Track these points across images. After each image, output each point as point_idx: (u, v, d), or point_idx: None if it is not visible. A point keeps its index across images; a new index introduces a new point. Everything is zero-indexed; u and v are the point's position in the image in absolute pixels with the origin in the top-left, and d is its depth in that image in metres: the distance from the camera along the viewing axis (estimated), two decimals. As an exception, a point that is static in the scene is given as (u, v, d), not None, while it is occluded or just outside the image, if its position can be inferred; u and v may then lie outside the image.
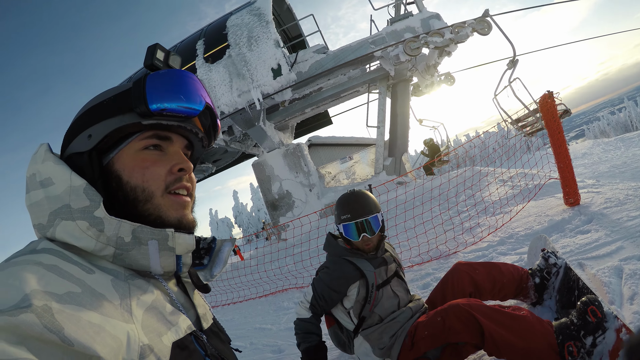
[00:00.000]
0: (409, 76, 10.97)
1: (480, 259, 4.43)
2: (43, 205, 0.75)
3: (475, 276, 2.55)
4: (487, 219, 5.84)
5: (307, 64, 10.41)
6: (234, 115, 11.10)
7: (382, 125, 10.77)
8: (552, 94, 4.83)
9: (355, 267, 2.41)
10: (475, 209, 6.50)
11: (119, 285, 0.71)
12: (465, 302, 2.09)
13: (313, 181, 11.12)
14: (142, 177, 0.81)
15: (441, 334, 2.10)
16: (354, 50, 10.15)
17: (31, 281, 0.58)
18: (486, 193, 7.06)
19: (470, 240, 5.28)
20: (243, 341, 4.88)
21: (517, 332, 1.90)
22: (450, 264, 4.74)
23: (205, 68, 10.78)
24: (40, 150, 0.81)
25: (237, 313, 6.70)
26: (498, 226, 5.34)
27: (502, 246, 4.59)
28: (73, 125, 0.84)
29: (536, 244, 3.05)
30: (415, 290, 4.31)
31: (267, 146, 11.61)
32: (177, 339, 0.75)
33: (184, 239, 0.82)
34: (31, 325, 0.52)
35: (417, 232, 6.41)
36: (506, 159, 6.94)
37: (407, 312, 2.40)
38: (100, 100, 0.83)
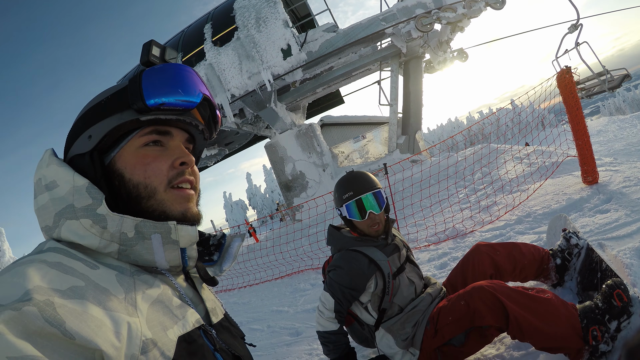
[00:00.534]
0: (421, 53, 10.76)
1: (498, 238, 4.37)
2: (49, 208, 0.76)
3: (496, 257, 2.49)
4: (504, 197, 5.74)
5: (317, 44, 10.25)
6: (245, 98, 11.04)
7: (395, 103, 10.62)
8: (570, 70, 4.68)
9: (368, 259, 2.30)
10: (492, 187, 6.40)
11: (124, 280, 0.72)
12: (490, 284, 2.03)
13: (326, 161, 11.08)
14: (144, 174, 0.81)
15: (466, 319, 2.05)
16: (365, 27, 9.96)
17: (34, 278, 0.59)
18: (502, 171, 6.94)
19: (487, 219, 5.20)
20: (260, 324, 4.92)
21: (542, 316, 1.86)
22: (467, 243, 4.70)
23: (214, 52, 10.69)
24: (44, 155, 0.82)
25: (254, 296, 6.75)
26: (515, 205, 5.24)
27: (519, 225, 4.51)
28: (73, 127, 0.84)
29: (556, 223, 2.98)
30: (432, 271, 4.27)
31: (279, 127, 11.56)
32: (184, 333, 0.74)
33: (187, 231, 0.82)
34: (33, 319, 0.53)
35: (433, 211, 6.37)
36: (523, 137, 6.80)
37: (427, 299, 2.34)
38: (98, 101, 0.84)
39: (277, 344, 4.04)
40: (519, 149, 7.70)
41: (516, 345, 2.28)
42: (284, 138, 11.46)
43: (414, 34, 9.43)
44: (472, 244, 4.51)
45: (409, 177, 7.60)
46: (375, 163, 10.86)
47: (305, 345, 3.68)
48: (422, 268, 4.45)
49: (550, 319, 1.85)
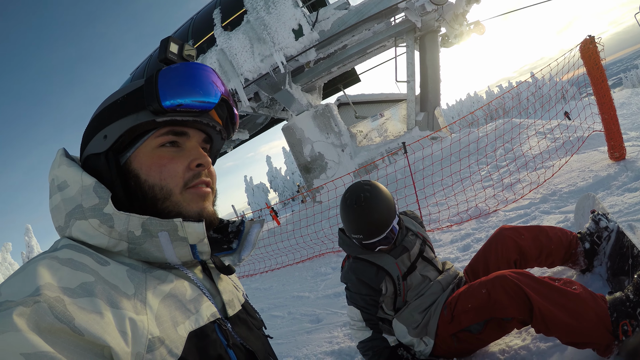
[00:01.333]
0: (437, 27, 10.49)
1: (523, 218, 4.21)
2: (60, 208, 0.76)
3: (520, 242, 2.35)
4: (528, 174, 5.53)
5: (329, 22, 10.05)
6: (259, 81, 10.97)
7: (412, 80, 10.42)
8: (594, 39, 4.41)
9: (376, 267, 2.23)
10: (515, 164, 6.19)
11: (135, 276, 0.71)
12: (514, 273, 1.91)
13: (345, 141, 10.99)
14: (160, 175, 0.80)
15: (486, 308, 1.94)
16: (377, 3, 9.69)
17: (45, 275, 0.59)
18: (526, 147, 6.70)
19: (511, 198, 5.02)
20: (281, 310, 4.91)
21: (569, 310, 1.74)
22: (490, 223, 4.56)
23: (225, 37, 10.59)
24: (56, 155, 0.82)
25: (275, 280, 6.77)
26: (540, 182, 5.04)
27: (545, 204, 4.33)
28: (89, 126, 0.83)
29: (584, 203, 2.81)
30: (455, 253, 4.16)
31: (296, 109, 11.49)
32: (196, 328, 0.74)
33: (194, 228, 0.79)
34: (43, 315, 0.53)
35: (454, 189, 6.22)
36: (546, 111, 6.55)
37: (436, 286, 2.25)
38: (114, 100, 0.82)
39: (298, 331, 4.02)
40: (543, 123, 7.45)
41: (542, 336, 2.17)
42: (301, 120, 11.39)
43: (428, 8, 9.17)
44: (496, 224, 4.40)
45: (429, 156, 7.43)
46: (394, 141, 10.71)
47: (326, 333, 3.63)
48: (445, 250, 4.35)
49: (578, 314, 1.73)
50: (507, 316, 1.90)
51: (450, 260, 3.98)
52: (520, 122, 7.69)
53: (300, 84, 11.77)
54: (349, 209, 2.24)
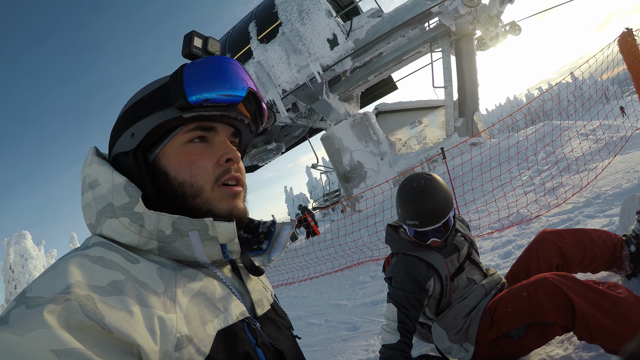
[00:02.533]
0: (472, 30, 10.23)
1: (566, 223, 4.05)
2: (91, 206, 0.77)
3: (562, 246, 2.24)
4: (571, 177, 5.35)
5: (364, 30, 10.07)
6: (297, 92, 11.09)
7: (449, 85, 10.24)
8: (632, 31, 4.20)
9: (426, 264, 2.15)
10: (557, 167, 5.97)
11: (165, 274, 0.72)
12: (556, 276, 1.83)
13: (384, 149, 10.92)
14: (190, 172, 0.79)
15: (526, 312, 1.87)
16: (410, 9, 9.65)
17: (76, 273, 0.60)
18: (567, 149, 6.45)
19: (554, 202, 4.85)
20: (318, 318, 4.90)
21: (614, 316, 1.64)
22: (532, 229, 4.40)
23: (261, 49, 10.78)
24: (88, 154, 0.83)
25: (314, 289, 6.77)
26: (583, 185, 4.87)
27: (588, 208, 4.16)
28: (116, 124, 0.84)
29: (629, 205, 2.66)
30: (496, 260, 4.03)
31: (334, 118, 11.52)
32: (224, 327, 0.73)
33: (224, 227, 0.78)
34: (73, 312, 0.54)
35: (495, 195, 6.06)
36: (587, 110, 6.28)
37: (479, 290, 2.18)
38: (140, 97, 0.81)
39: (334, 338, 4.00)
40: (584, 124, 7.16)
41: (585, 345, 2.05)
42: (340, 129, 11.41)
43: (461, 10, 9.03)
44: (538, 230, 4.24)
45: (468, 161, 7.28)
46: (433, 148, 10.56)
47: (362, 341, 3.60)
48: (486, 257, 4.24)
49: (624, 320, 1.63)
50: (548, 320, 1.82)
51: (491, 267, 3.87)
52: (560, 123, 7.43)
53: (337, 94, 11.79)
54: (407, 194, 2.18)
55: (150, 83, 0.84)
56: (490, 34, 9.91)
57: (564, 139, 6.90)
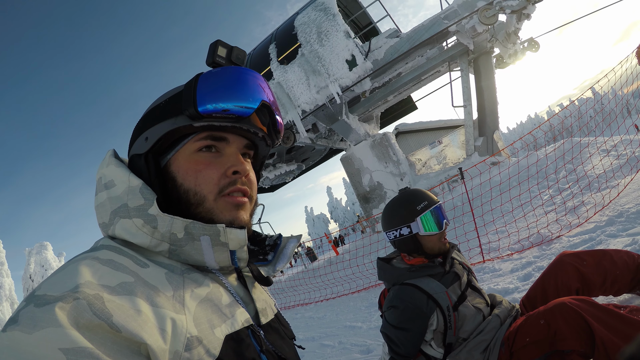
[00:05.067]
0: (490, 48, 10.21)
1: (588, 243, 3.91)
2: (106, 206, 0.78)
3: (582, 269, 2.13)
4: (592, 195, 5.23)
5: (382, 51, 10.12)
6: (316, 112, 11.15)
7: (469, 104, 10.17)
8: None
9: (426, 296, 2.03)
10: (578, 185, 5.83)
11: (173, 278, 0.72)
12: (574, 300, 1.73)
13: (403, 170, 10.85)
14: (195, 181, 0.80)
15: (546, 340, 1.76)
16: (428, 28, 9.67)
17: (85, 274, 0.60)
18: (589, 166, 6.31)
19: (575, 222, 4.73)
20: (332, 340, 4.83)
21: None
22: (553, 250, 4.27)
23: (281, 70, 10.92)
24: (106, 155, 0.84)
25: (330, 310, 6.70)
26: (605, 203, 4.74)
27: (611, 227, 4.03)
28: (135, 128, 0.86)
29: (651, 223, 2.55)
30: (515, 282, 3.91)
31: (354, 139, 11.53)
32: (232, 332, 0.73)
33: (236, 234, 0.79)
34: (82, 311, 0.54)
35: (515, 215, 5.94)
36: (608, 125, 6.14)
37: (495, 320, 2.06)
38: (157, 104, 0.84)
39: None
40: (605, 139, 7.01)
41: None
42: (359, 149, 11.40)
43: (478, 29, 8.99)
44: (559, 251, 4.13)
45: (487, 181, 7.16)
46: (453, 168, 10.44)
47: (375, 365, 3.51)
48: (504, 280, 4.12)
49: None
50: (567, 348, 1.71)
51: (509, 290, 3.76)
52: (581, 140, 7.29)
53: (357, 114, 11.83)
54: (406, 192, 2.23)
55: (169, 90, 0.86)
56: (509, 51, 9.82)
57: (585, 155, 6.76)
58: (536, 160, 6.96)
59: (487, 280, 4.37)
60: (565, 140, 7.42)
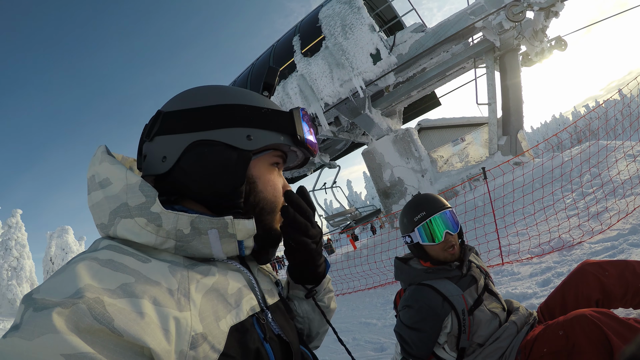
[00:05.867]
0: (516, 45, 10.00)
1: (609, 251, 3.81)
2: (103, 205, 0.76)
3: (604, 279, 2.06)
4: (617, 202, 5.07)
5: (407, 45, 9.99)
6: (339, 106, 11.10)
7: (493, 102, 9.98)
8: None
9: (442, 297, 2.01)
10: (602, 191, 5.66)
11: (177, 271, 0.72)
12: (594, 313, 1.68)
13: (425, 166, 10.74)
14: (273, 192, 0.89)
15: (563, 353, 1.72)
16: (453, 24, 9.51)
17: (85, 276, 0.59)
18: (614, 171, 6.12)
19: (597, 228, 4.61)
20: (346, 336, 4.85)
21: None
22: (574, 256, 4.18)
23: (305, 62, 10.89)
24: (97, 152, 0.82)
25: (345, 305, 6.70)
26: (629, 211, 4.60)
27: (634, 235, 3.91)
28: (218, 111, 0.84)
29: (678, 236, 2.47)
30: (533, 287, 3.84)
31: (376, 133, 11.46)
32: (236, 323, 0.74)
33: (244, 225, 0.81)
34: (82, 316, 0.53)
35: (536, 219, 5.83)
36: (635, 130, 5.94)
37: (511, 328, 2.02)
38: (258, 106, 0.86)
39: (360, 358, 3.97)
40: (632, 144, 6.78)
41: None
42: (381, 144, 11.34)
43: (505, 25, 8.80)
44: (580, 257, 4.03)
45: (510, 182, 7.03)
46: (475, 167, 10.29)
47: (387, 364, 3.50)
48: (523, 284, 4.05)
49: None
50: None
51: (527, 295, 3.70)
52: (607, 143, 7.07)
53: (380, 108, 11.74)
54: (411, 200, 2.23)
55: (252, 93, 0.90)
56: (536, 49, 9.60)
57: (610, 160, 6.57)
58: (560, 163, 6.81)
59: (505, 284, 4.30)
60: (592, 143, 7.22)
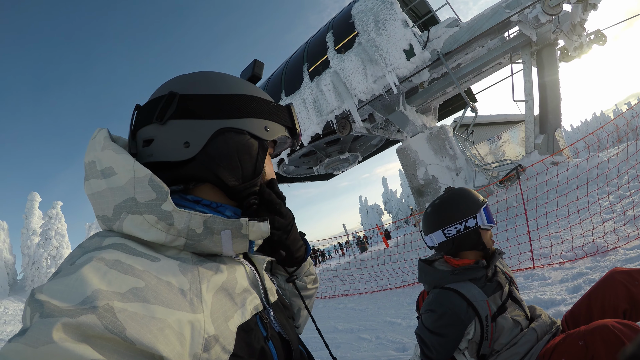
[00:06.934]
0: (554, 39, 9.62)
1: (645, 259, 3.63)
2: (106, 197, 0.72)
3: (633, 289, 1.96)
4: (656, 206, 4.79)
5: (441, 41, 9.80)
6: (373, 102, 11.04)
7: (530, 99, 9.67)
8: None
9: (467, 302, 1.96)
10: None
11: (187, 269, 0.70)
12: (618, 324, 1.61)
13: (460, 165, 10.55)
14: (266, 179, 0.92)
15: None
16: (488, 18, 9.25)
17: (93, 281, 0.57)
18: (655, 173, 5.82)
19: (634, 234, 4.39)
20: (369, 334, 4.84)
21: None
22: (607, 262, 4.01)
23: (338, 59, 10.87)
24: (98, 136, 0.76)
25: (372, 303, 6.68)
26: (669, 216, 4.33)
27: (672, 243, 3.70)
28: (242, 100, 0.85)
29: None
30: (563, 294, 3.72)
31: (410, 131, 11.33)
32: (242, 322, 0.74)
33: (259, 227, 0.80)
34: (92, 327, 0.52)
35: (570, 221, 5.62)
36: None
37: (531, 334, 1.96)
38: (267, 99, 0.91)
39: (380, 357, 3.96)
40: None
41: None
42: (416, 141, 11.21)
43: (542, 19, 8.51)
44: (614, 264, 3.88)
45: (544, 182, 6.80)
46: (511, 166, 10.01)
47: (408, 365, 3.48)
48: (552, 290, 3.92)
49: None
50: None
51: (555, 302, 3.58)
52: (648, 144, 6.63)
53: (414, 105, 11.59)
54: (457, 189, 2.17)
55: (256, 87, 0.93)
56: (574, 44, 9.23)
57: (651, 161, 6.21)
58: (598, 163, 6.56)
59: (535, 289, 4.18)
60: (631, 142, 6.87)
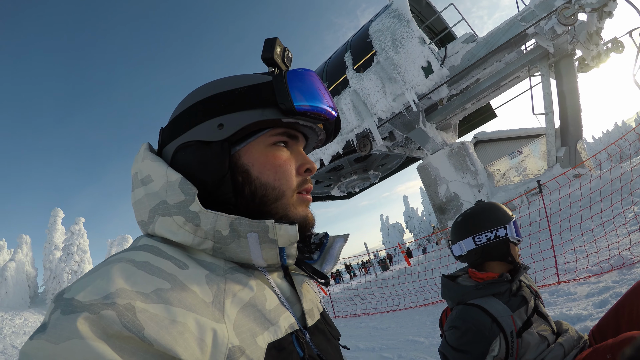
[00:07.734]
0: (571, 50, 9.55)
1: (673, 271, 3.52)
2: (144, 203, 0.74)
3: None
4: (683, 216, 4.65)
5: (459, 57, 9.84)
6: (393, 120, 11.06)
7: (550, 111, 9.58)
8: None
9: (491, 318, 1.89)
10: (668, 205, 5.27)
11: (214, 281, 0.68)
12: None
13: (481, 181, 10.45)
14: (274, 176, 0.78)
15: None
16: (505, 32, 9.28)
17: (118, 280, 0.57)
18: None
19: (661, 246, 4.25)
20: (391, 353, 4.77)
21: None
22: (634, 275, 3.91)
23: (357, 78, 10.98)
24: (141, 149, 0.80)
25: (394, 322, 6.59)
26: (697, 227, 4.20)
27: (700, 254, 3.59)
28: (192, 110, 0.78)
29: None
30: (589, 309, 3.62)
31: (430, 148, 11.31)
32: (274, 340, 0.69)
33: (286, 230, 0.74)
34: (110, 323, 0.51)
35: (595, 234, 5.50)
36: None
37: (558, 350, 1.91)
38: (231, 88, 0.78)
39: None
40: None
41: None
42: (436, 158, 11.18)
43: (558, 30, 8.49)
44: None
45: (567, 195, 6.67)
46: (533, 180, 9.86)
47: (430, 384, 3.42)
48: (578, 305, 3.83)
49: None
50: None
51: (582, 317, 3.49)
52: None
53: (434, 122, 11.58)
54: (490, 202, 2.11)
55: (238, 76, 0.82)
56: (592, 53, 9.17)
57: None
58: (621, 174, 6.44)
59: (560, 305, 4.09)
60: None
